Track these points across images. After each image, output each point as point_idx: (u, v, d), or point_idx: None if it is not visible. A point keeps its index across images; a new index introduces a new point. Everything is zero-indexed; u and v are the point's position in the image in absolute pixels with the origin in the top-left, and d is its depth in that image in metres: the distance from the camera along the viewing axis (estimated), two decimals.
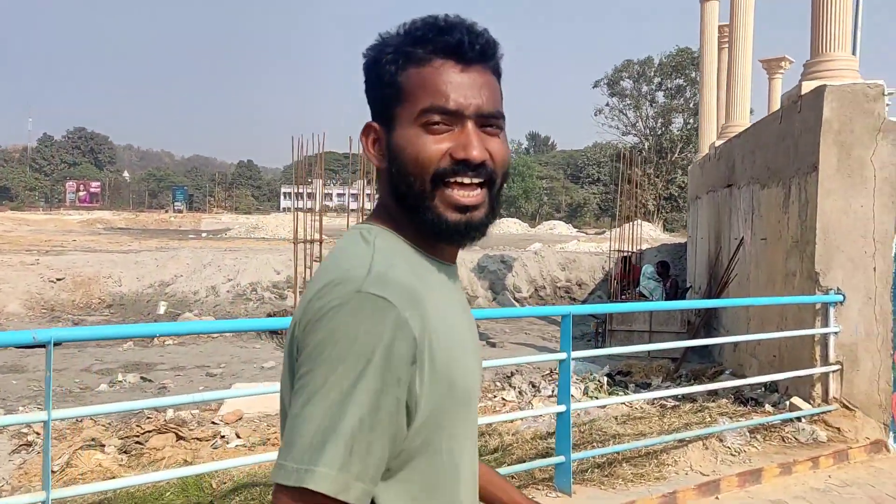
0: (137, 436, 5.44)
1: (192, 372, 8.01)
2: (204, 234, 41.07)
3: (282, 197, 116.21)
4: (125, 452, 5.28)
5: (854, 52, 15.88)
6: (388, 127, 0.99)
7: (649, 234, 31.70)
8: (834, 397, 5.74)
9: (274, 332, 10.39)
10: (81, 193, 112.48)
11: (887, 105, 6.08)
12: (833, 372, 5.74)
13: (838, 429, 5.54)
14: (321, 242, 11.52)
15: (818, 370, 5.75)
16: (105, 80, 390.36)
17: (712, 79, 12.99)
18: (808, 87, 6.15)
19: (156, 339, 9.51)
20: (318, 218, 11.93)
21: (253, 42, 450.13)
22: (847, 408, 5.70)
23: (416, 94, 0.97)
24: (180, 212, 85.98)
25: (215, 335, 9.95)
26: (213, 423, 6.06)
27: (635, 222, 14.40)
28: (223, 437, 5.62)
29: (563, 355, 4.18)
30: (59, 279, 14.13)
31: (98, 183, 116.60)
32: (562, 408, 4.21)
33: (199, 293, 13.45)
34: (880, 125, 5.66)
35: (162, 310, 12.90)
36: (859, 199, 5.72)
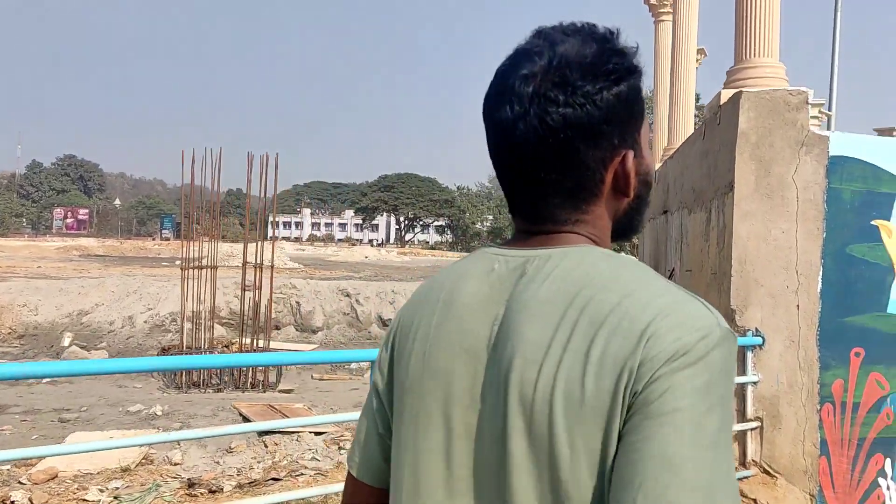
0: None
1: (45, 416, 7.07)
2: (178, 262, 40.34)
3: (269, 225, 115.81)
4: None
5: (832, 86, 15.23)
6: (636, 153, 0.95)
7: None
8: (753, 460, 4.82)
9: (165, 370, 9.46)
10: (69, 220, 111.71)
11: (818, 116, 5.26)
12: (752, 430, 4.82)
13: (754, 500, 4.60)
14: (215, 269, 10.57)
15: (735, 427, 4.83)
16: (100, 109, 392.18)
17: (665, 100, 12.30)
18: (726, 95, 5.33)
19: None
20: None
21: (244, 72, 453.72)
22: (768, 474, 4.77)
23: (644, 115, 0.99)
24: (167, 240, 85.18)
25: None
26: (20, 482, 5.09)
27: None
28: (13, 503, 4.66)
29: (357, 415, 3.25)
30: None
31: (86, 210, 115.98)
32: None
33: (115, 324, 12.50)
34: (803, 138, 4.82)
35: (66, 342, 11.92)
36: (780, 224, 4.85)
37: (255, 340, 9.51)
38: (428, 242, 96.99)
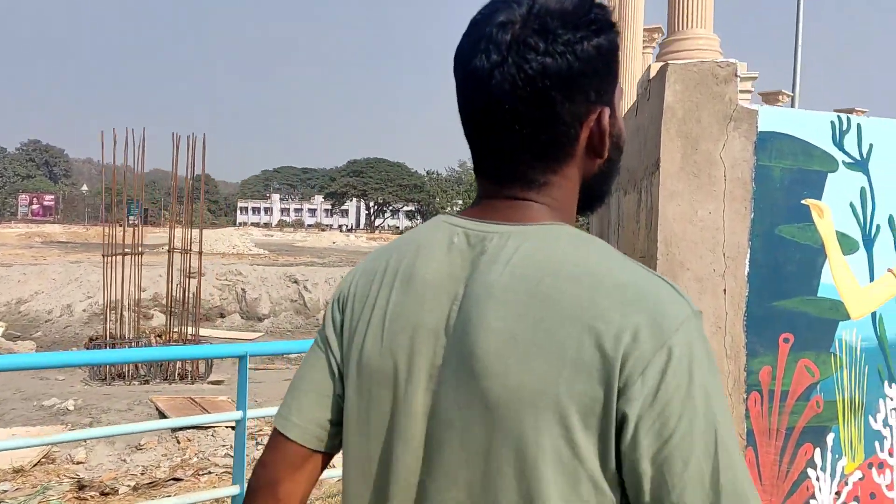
0: None
1: None
2: (141, 249, 39.75)
3: (238, 212, 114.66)
4: None
5: (795, 69, 15.15)
6: (611, 111, 0.94)
7: None
8: None
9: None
10: (34, 207, 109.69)
11: (750, 91, 5.03)
12: None
13: None
14: (140, 255, 10.18)
15: None
16: (66, 95, 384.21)
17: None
18: (656, 68, 5.08)
19: None
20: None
21: (213, 57, 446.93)
22: None
23: (619, 76, 0.96)
24: (135, 226, 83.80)
25: None
26: None
27: None
28: None
29: (237, 414, 2.96)
30: None
31: (52, 196, 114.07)
32: (234, 489, 2.99)
33: (53, 312, 12.03)
34: (732, 113, 4.58)
35: None
36: (707, 205, 4.61)
37: (182, 330, 9.15)
38: (398, 227, 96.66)
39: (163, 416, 6.06)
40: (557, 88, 0.87)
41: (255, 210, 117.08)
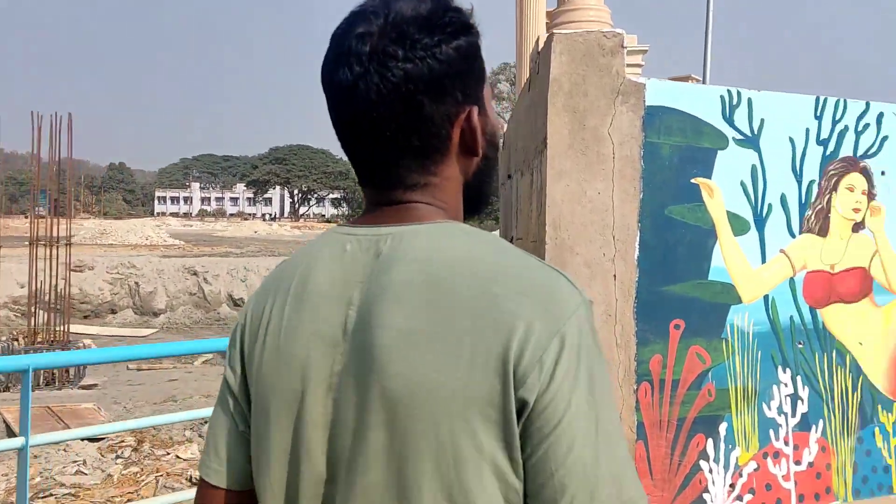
0: None
1: None
2: (43, 242, 37.58)
3: (156, 201, 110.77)
4: None
5: (706, 52, 15.26)
6: (480, 110, 0.95)
7: None
8: None
9: None
10: None
11: (640, 65, 4.78)
12: None
13: None
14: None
15: None
16: None
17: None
18: (544, 40, 4.78)
19: None
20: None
21: (128, 42, 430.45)
22: None
23: (486, 76, 0.99)
24: (42, 217, 79.61)
25: None
26: None
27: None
28: None
29: (16, 442, 2.46)
30: None
31: None
32: None
33: None
34: (619, 86, 4.30)
35: None
36: (596, 184, 4.34)
37: (51, 329, 8.39)
38: (324, 216, 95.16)
39: (9, 429, 5.43)
40: (422, 92, 0.88)
41: (175, 199, 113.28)
